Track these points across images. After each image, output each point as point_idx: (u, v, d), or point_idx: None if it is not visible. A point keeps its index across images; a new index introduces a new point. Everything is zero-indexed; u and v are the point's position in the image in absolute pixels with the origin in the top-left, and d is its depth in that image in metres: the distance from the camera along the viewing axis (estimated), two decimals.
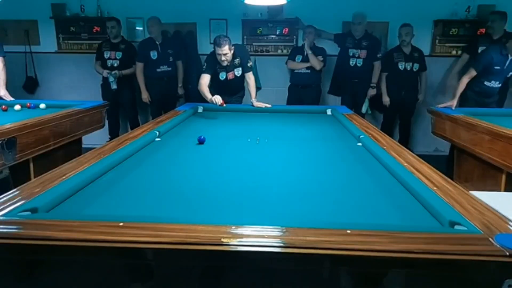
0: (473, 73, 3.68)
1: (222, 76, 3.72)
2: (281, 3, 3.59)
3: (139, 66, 4.60)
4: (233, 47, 3.54)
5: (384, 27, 5.00)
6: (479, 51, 4.34)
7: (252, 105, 3.76)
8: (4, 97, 3.75)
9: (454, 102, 3.60)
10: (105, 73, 4.64)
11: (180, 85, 4.85)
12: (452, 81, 4.55)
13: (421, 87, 4.67)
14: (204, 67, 3.67)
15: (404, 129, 4.86)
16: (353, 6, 4.65)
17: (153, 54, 4.55)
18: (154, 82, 4.66)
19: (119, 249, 0.99)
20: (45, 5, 5.08)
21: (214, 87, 3.82)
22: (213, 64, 3.63)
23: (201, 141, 2.23)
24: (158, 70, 4.59)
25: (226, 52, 3.45)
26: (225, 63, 3.56)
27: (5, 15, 4.90)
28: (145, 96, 4.66)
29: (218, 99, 3.29)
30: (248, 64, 3.78)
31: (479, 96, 3.94)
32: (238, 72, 3.76)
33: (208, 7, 4.99)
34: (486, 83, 3.84)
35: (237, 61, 3.74)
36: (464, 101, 3.89)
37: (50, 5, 5.10)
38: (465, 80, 3.69)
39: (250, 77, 3.81)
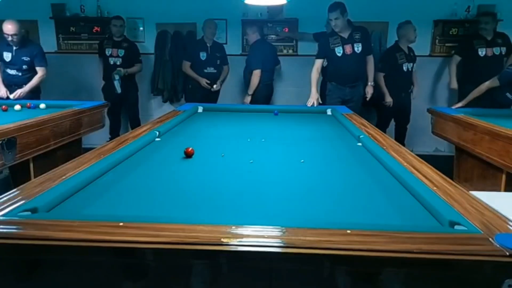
0: (495, 83, 3.62)
1: (339, 51, 3.54)
2: (281, 3, 3.59)
3: (186, 64, 4.77)
4: (346, 13, 3.48)
5: (384, 27, 5.01)
6: (480, 52, 4.34)
7: (367, 91, 3.82)
8: (5, 95, 3.94)
9: (461, 104, 3.60)
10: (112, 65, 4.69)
11: (219, 81, 4.88)
12: (454, 85, 4.54)
13: (415, 83, 4.58)
14: (316, 53, 3.58)
15: (401, 132, 4.75)
16: (353, 6, 4.64)
17: (203, 55, 4.70)
18: None
19: (119, 249, 0.99)
20: (45, 5, 5.08)
21: (331, 72, 3.63)
22: (325, 44, 3.49)
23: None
24: (206, 71, 4.73)
25: (336, 16, 3.41)
26: (337, 29, 3.46)
27: (5, 15, 4.89)
28: (203, 81, 4.72)
29: (313, 101, 3.27)
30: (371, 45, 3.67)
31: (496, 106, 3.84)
32: (358, 48, 3.54)
33: (208, 7, 4.99)
34: (508, 95, 3.73)
35: (357, 35, 3.55)
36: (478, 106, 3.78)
37: (50, 5, 5.11)
38: (483, 88, 3.66)
39: (370, 60, 3.77)
